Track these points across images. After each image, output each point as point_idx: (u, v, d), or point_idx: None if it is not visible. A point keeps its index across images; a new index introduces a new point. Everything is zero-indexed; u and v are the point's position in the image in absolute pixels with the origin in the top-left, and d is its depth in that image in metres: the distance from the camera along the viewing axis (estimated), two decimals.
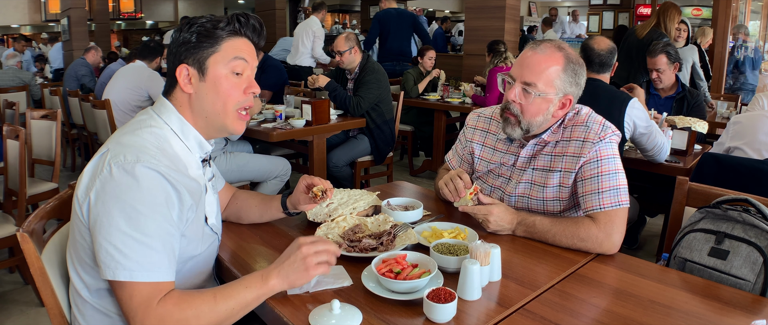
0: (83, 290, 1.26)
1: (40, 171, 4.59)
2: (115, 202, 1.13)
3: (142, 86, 4.53)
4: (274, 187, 3.66)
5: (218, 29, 1.28)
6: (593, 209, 1.59)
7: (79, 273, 1.26)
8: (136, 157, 1.16)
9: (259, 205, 1.69)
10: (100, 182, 1.15)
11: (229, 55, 1.29)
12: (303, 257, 1.19)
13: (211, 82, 1.29)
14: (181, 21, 1.34)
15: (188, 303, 1.14)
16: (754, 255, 1.49)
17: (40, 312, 2.79)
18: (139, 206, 1.13)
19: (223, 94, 1.30)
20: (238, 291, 1.17)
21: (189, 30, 1.28)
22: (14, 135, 2.92)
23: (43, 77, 9.04)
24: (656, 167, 2.82)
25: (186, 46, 1.28)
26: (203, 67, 1.28)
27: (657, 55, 3.40)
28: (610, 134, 1.64)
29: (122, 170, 1.14)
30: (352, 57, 4.05)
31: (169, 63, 1.32)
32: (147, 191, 1.14)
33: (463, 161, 1.97)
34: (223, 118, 1.32)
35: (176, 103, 1.32)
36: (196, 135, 1.33)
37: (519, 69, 1.66)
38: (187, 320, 1.13)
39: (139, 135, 1.23)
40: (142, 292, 1.13)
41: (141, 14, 16.46)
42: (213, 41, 1.28)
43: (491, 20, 6.08)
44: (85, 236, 1.20)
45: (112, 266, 1.12)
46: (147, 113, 1.32)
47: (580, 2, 13.82)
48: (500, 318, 1.19)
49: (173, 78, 1.30)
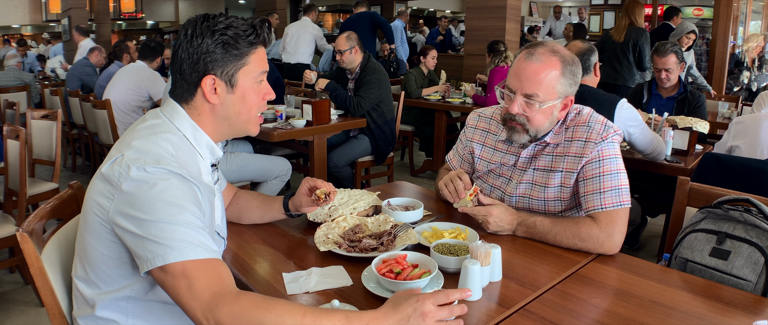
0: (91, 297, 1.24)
1: (41, 171, 4.59)
2: (142, 202, 1.11)
3: (143, 86, 4.53)
4: (274, 187, 3.66)
5: (243, 40, 1.26)
6: (594, 208, 1.58)
7: (89, 277, 1.24)
8: (155, 160, 1.15)
9: (261, 206, 1.69)
10: (124, 184, 1.12)
11: (257, 69, 1.30)
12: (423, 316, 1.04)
13: (239, 94, 1.29)
14: (194, 23, 1.26)
15: (269, 308, 1.05)
16: (755, 255, 1.48)
17: (40, 312, 2.79)
18: (166, 199, 1.11)
19: (250, 104, 1.31)
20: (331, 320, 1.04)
21: (211, 37, 1.23)
22: (15, 135, 2.92)
23: (45, 76, 9.04)
24: (657, 167, 2.81)
25: (211, 56, 1.24)
26: (233, 80, 1.27)
27: (667, 54, 3.40)
28: (612, 134, 1.64)
29: (144, 172, 1.12)
30: (352, 57, 4.04)
31: (183, 67, 1.26)
32: (174, 188, 1.13)
33: (464, 161, 1.97)
34: (247, 124, 1.35)
35: (193, 110, 1.30)
36: (207, 141, 1.32)
37: (517, 81, 1.64)
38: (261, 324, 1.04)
39: (154, 142, 1.21)
40: (201, 275, 1.07)
41: (142, 14, 16.45)
42: (240, 54, 1.26)
43: (492, 20, 6.08)
44: (97, 240, 1.19)
45: (160, 252, 1.08)
46: (158, 118, 1.29)
47: (582, 2, 13.82)
48: (501, 318, 1.19)
49: (194, 87, 1.27)
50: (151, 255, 1.09)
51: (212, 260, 1.11)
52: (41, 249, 1.32)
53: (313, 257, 1.49)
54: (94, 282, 1.24)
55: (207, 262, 1.10)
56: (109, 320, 1.25)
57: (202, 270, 1.08)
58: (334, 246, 1.49)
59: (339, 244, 1.50)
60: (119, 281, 1.22)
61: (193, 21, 1.27)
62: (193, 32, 1.25)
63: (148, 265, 1.10)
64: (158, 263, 1.08)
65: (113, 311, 1.25)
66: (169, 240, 1.09)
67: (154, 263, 1.09)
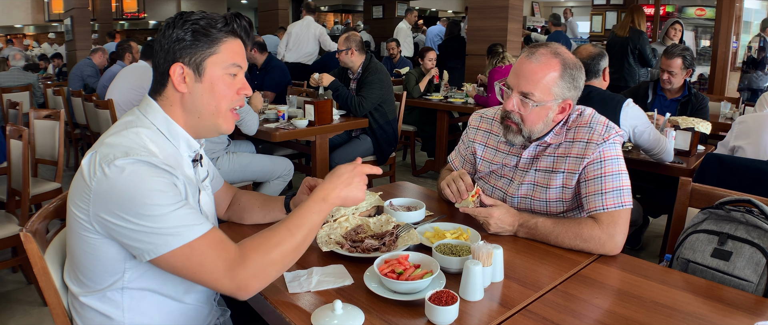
0: (81, 294, 1.25)
1: (44, 171, 4.60)
2: (120, 197, 1.11)
3: (145, 86, 4.52)
4: (276, 187, 3.66)
5: (214, 29, 1.26)
6: (596, 209, 1.58)
7: (78, 277, 1.25)
8: (124, 153, 1.14)
9: (262, 206, 1.69)
10: (96, 184, 1.13)
11: (227, 60, 1.28)
12: (360, 177, 1.33)
13: (207, 83, 1.28)
14: (171, 18, 1.30)
15: (268, 245, 1.18)
16: (757, 256, 1.48)
17: (43, 312, 2.80)
18: (144, 191, 1.12)
19: (218, 95, 1.29)
20: (307, 217, 1.24)
21: (183, 27, 1.25)
22: (18, 135, 2.92)
23: (48, 77, 9.06)
24: (659, 167, 2.81)
25: (180, 43, 1.25)
26: (200, 68, 1.26)
27: (674, 57, 3.39)
28: (613, 135, 1.64)
29: (113, 167, 1.12)
30: (349, 58, 4.06)
31: (157, 59, 1.28)
32: (145, 178, 1.13)
33: (466, 162, 1.97)
34: (216, 117, 1.32)
35: (165, 102, 1.30)
36: (183, 134, 1.32)
37: (515, 78, 1.65)
38: (273, 262, 1.18)
39: (125, 136, 1.21)
40: (209, 249, 1.14)
41: (144, 14, 16.49)
42: (210, 42, 1.26)
43: (494, 20, 6.08)
44: (81, 241, 1.19)
45: (161, 242, 1.12)
46: (133, 114, 1.30)
47: (583, 2, 13.80)
48: (502, 319, 1.19)
49: (164, 76, 1.28)
50: (151, 246, 1.12)
51: (209, 232, 1.16)
52: (44, 249, 1.32)
53: (315, 256, 1.49)
54: (84, 282, 1.24)
55: (206, 236, 1.15)
56: (104, 315, 1.25)
57: (207, 245, 1.15)
58: (337, 246, 1.49)
59: (341, 244, 1.51)
60: (107, 278, 1.22)
61: (171, 17, 1.29)
62: (168, 25, 1.27)
63: (149, 255, 1.13)
64: (162, 251, 1.12)
65: (109, 306, 1.25)
66: (165, 228, 1.11)
67: (157, 252, 1.13)
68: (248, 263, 1.15)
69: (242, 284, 1.15)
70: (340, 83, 4.05)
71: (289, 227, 1.21)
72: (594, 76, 2.72)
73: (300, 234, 1.22)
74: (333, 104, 3.87)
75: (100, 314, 1.25)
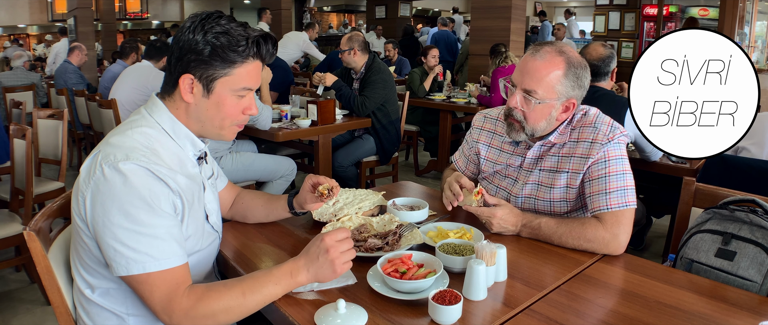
0: (87, 290, 1.27)
1: (47, 170, 4.61)
2: (111, 201, 1.14)
3: (149, 86, 4.54)
4: (279, 186, 3.66)
5: (234, 52, 1.24)
6: (600, 209, 1.58)
7: (81, 274, 1.27)
8: (125, 155, 1.17)
9: (265, 204, 1.69)
10: (94, 183, 1.16)
11: (239, 84, 1.27)
12: (332, 259, 1.19)
13: (214, 100, 1.28)
14: (194, 18, 1.26)
15: (216, 297, 1.17)
16: (761, 256, 1.48)
17: (46, 311, 2.80)
18: (134, 201, 1.14)
19: (223, 113, 1.30)
20: (265, 286, 1.20)
21: (204, 36, 1.22)
22: (21, 134, 2.93)
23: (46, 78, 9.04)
24: (663, 167, 2.80)
25: (196, 55, 1.23)
26: (210, 86, 1.26)
27: None
28: (618, 135, 1.64)
29: (113, 169, 1.15)
30: (351, 58, 4.06)
31: (171, 59, 1.27)
32: (138, 187, 1.15)
33: (470, 162, 1.97)
34: (219, 130, 1.34)
35: (172, 104, 1.31)
36: (187, 133, 1.32)
37: (520, 75, 1.65)
38: (214, 315, 1.16)
39: (129, 135, 1.23)
40: (160, 284, 1.16)
41: (147, 14, 16.52)
42: (224, 63, 1.24)
43: (497, 20, 6.07)
44: (85, 238, 1.21)
45: (123, 262, 1.14)
46: (139, 113, 1.31)
47: (586, 2, 13.78)
48: (506, 318, 1.19)
49: (174, 81, 1.27)
50: (115, 264, 1.16)
51: (171, 269, 1.17)
52: (48, 248, 1.33)
53: None
54: (87, 280, 1.26)
55: (167, 272, 1.17)
56: (109, 311, 1.27)
57: (162, 280, 1.17)
58: None
59: None
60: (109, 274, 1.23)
61: (196, 15, 1.26)
62: (190, 26, 1.25)
63: (114, 271, 1.17)
64: (122, 272, 1.16)
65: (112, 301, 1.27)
66: (133, 251, 1.14)
67: (118, 272, 1.17)
68: (189, 311, 1.16)
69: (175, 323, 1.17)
70: (343, 83, 4.05)
71: (244, 289, 1.19)
72: (602, 78, 2.71)
73: (252, 301, 1.19)
74: (336, 104, 3.87)
75: (105, 309, 1.27)
